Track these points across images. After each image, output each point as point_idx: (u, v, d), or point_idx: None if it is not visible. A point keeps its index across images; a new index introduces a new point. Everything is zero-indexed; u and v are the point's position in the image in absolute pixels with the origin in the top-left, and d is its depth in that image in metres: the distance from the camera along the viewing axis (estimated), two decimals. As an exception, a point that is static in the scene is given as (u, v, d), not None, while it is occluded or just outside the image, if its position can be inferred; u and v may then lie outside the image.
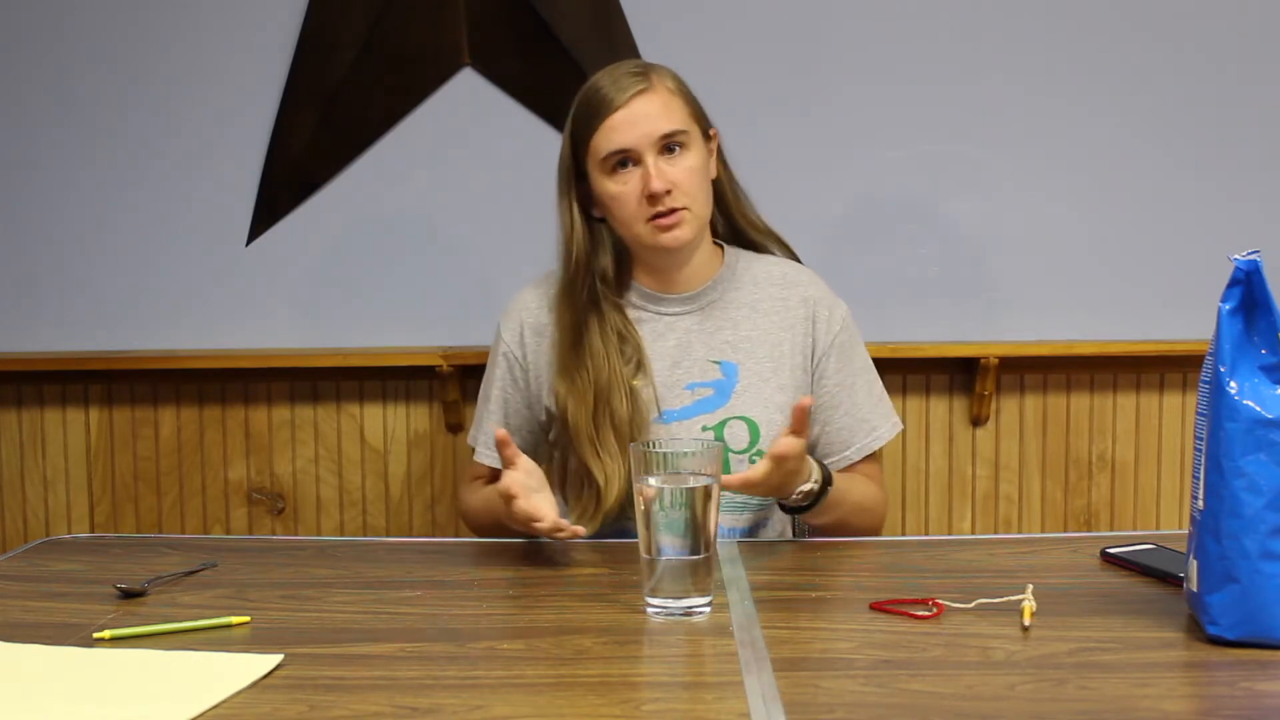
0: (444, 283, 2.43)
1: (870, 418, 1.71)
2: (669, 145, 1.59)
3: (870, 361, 1.75)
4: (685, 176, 1.60)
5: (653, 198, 1.57)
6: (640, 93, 1.59)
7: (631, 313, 1.68)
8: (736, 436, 1.64)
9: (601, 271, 1.65)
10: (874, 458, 1.73)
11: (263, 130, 2.41)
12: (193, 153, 2.43)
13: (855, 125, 2.40)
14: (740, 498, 1.63)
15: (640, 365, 1.64)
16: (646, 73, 1.62)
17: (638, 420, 1.61)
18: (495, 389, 1.73)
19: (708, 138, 1.67)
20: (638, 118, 1.58)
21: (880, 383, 1.75)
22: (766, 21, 2.39)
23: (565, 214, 1.65)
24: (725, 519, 1.63)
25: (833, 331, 1.69)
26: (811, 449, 1.68)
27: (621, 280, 1.69)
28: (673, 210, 1.59)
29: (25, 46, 2.42)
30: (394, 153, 2.41)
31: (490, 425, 1.72)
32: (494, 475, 1.71)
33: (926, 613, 1.21)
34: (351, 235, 2.44)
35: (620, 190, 1.59)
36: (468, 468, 1.81)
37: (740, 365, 1.66)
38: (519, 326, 1.72)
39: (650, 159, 1.58)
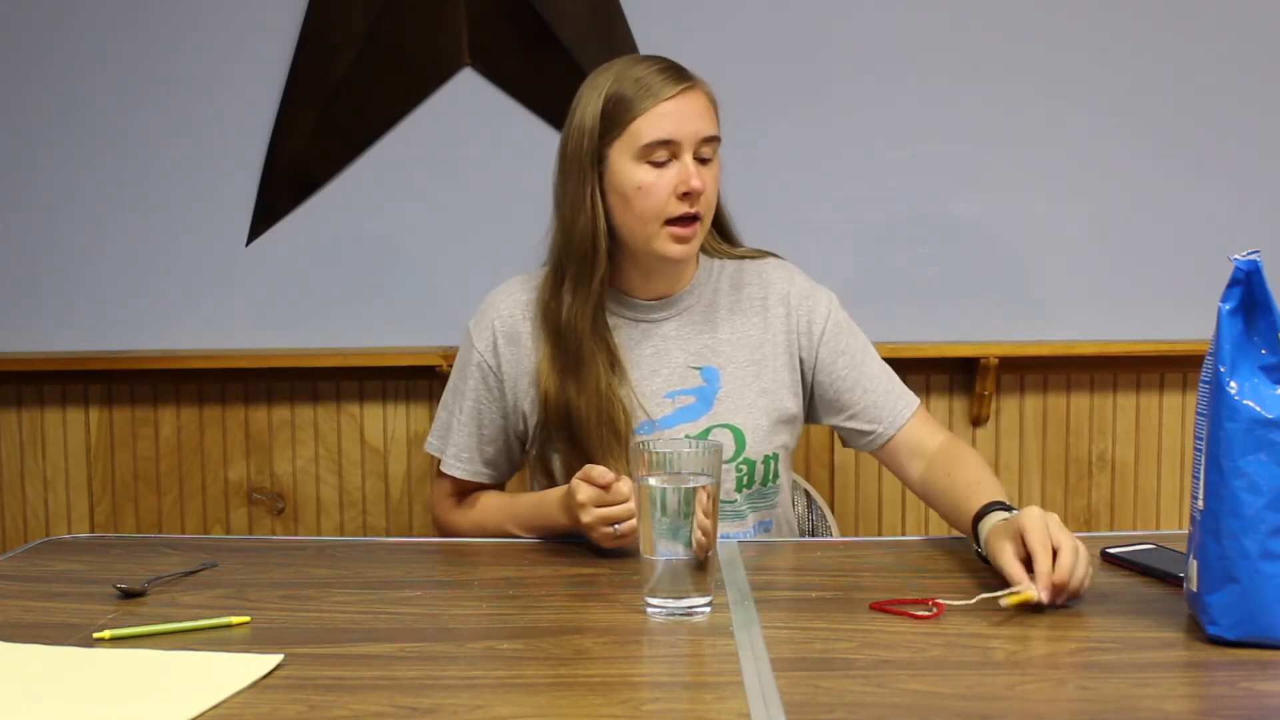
0: (444, 283, 2.43)
1: (893, 389, 1.66)
2: (704, 151, 1.55)
3: (869, 342, 1.69)
4: (713, 183, 1.57)
5: (688, 195, 1.52)
6: (691, 88, 1.55)
7: (609, 318, 1.63)
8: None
9: (602, 264, 1.57)
10: (920, 415, 1.66)
11: (263, 130, 2.41)
12: (193, 153, 2.43)
13: (855, 125, 2.40)
14: (735, 505, 1.63)
15: (616, 372, 1.59)
16: (687, 72, 1.58)
17: (627, 427, 1.58)
18: (469, 401, 1.66)
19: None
20: (689, 113, 1.53)
21: (880, 359, 1.69)
22: (766, 22, 2.39)
23: (584, 199, 1.55)
24: (728, 526, 1.63)
25: (819, 321, 1.66)
26: (852, 433, 1.67)
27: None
28: (695, 218, 1.54)
29: (25, 46, 2.42)
30: (394, 153, 2.41)
31: (461, 436, 1.67)
32: (463, 488, 1.71)
33: (926, 613, 1.21)
34: (351, 235, 2.44)
35: (651, 182, 1.52)
36: (437, 483, 1.73)
37: (722, 370, 1.63)
38: (491, 334, 1.65)
39: (689, 158, 1.53)
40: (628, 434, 1.58)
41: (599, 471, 1.41)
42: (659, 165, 1.53)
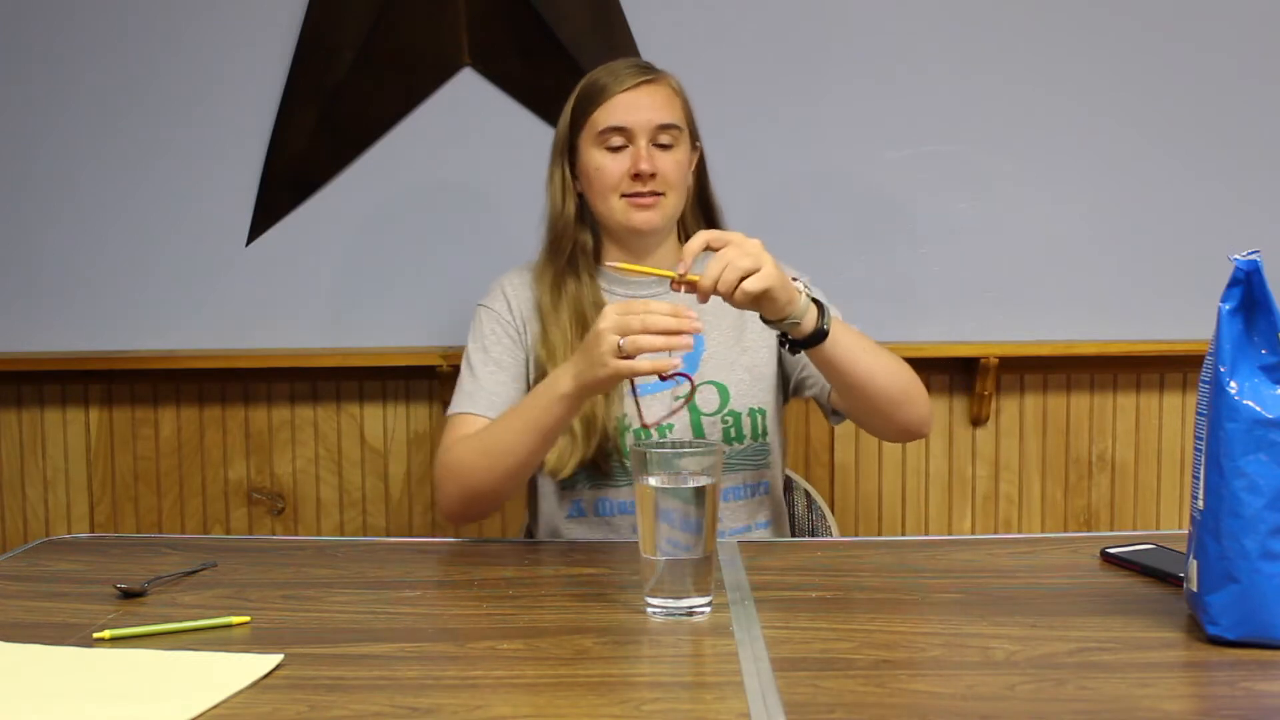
0: (444, 282, 2.43)
1: None
2: (662, 138, 1.67)
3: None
4: (672, 167, 1.68)
5: (638, 176, 1.65)
6: (648, 82, 1.69)
7: (605, 296, 1.73)
8: (707, 400, 1.68)
9: (582, 242, 1.71)
10: None
11: (263, 130, 2.41)
12: (193, 153, 2.43)
13: (855, 125, 2.40)
14: (724, 461, 1.63)
15: None
16: (653, 68, 1.72)
17: (614, 389, 1.63)
18: (494, 353, 1.69)
19: (693, 148, 1.74)
20: (642, 103, 1.66)
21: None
22: (766, 22, 2.39)
23: (556, 181, 1.72)
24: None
25: None
26: (812, 384, 1.71)
27: (594, 262, 1.75)
28: (652, 193, 1.66)
29: (26, 46, 2.42)
30: (394, 153, 2.41)
31: (492, 383, 1.65)
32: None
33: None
34: (351, 235, 2.44)
35: (607, 164, 1.66)
36: (452, 426, 1.65)
37: (705, 337, 1.71)
38: (502, 294, 1.75)
39: (643, 143, 1.65)
40: (606, 398, 1.64)
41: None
42: (615, 150, 1.67)
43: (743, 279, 1.40)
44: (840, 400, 1.64)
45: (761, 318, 1.48)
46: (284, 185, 2.43)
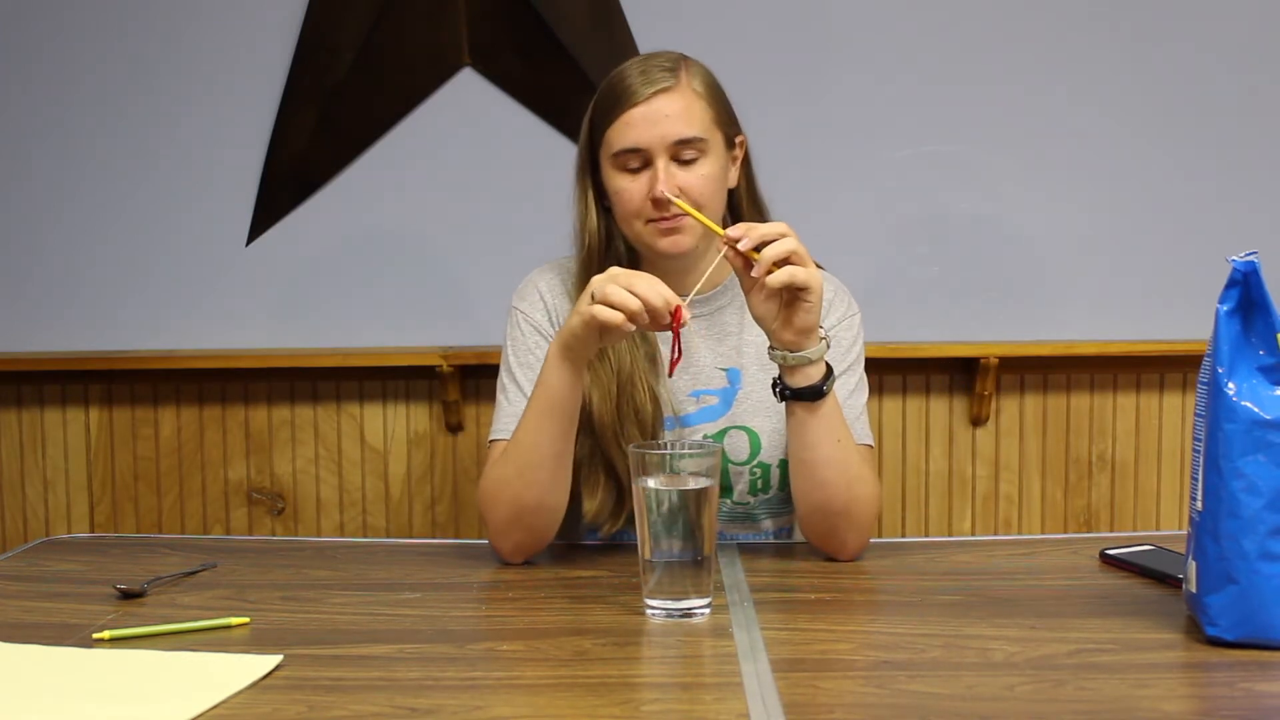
0: (444, 283, 2.43)
1: (846, 417, 1.51)
2: (684, 153, 1.52)
3: (863, 376, 1.62)
4: (697, 184, 1.52)
5: (656, 203, 1.50)
6: (663, 90, 1.51)
7: None
8: (737, 447, 1.57)
9: (618, 262, 1.56)
10: (864, 454, 1.57)
11: (263, 130, 2.41)
12: (193, 153, 2.43)
13: (856, 125, 2.40)
14: (749, 507, 1.62)
15: (656, 364, 1.57)
16: (676, 69, 1.54)
17: (656, 420, 1.54)
18: (538, 371, 1.51)
19: (732, 144, 1.61)
20: (656, 117, 1.50)
21: (865, 397, 1.60)
22: (766, 22, 2.39)
23: (580, 201, 1.60)
24: (741, 530, 1.62)
25: (829, 320, 1.59)
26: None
27: None
28: (676, 216, 1.51)
29: (25, 45, 2.42)
30: (394, 153, 2.41)
31: None
32: None
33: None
34: (351, 235, 2.44)
35: (626, 187, 1.52)
36: (491, 457, 1.55)
37: (743, 371, 1.60)
38: (539, 297, 1.61)
39: (662, 162, 1.50)
40: (656, 427, 1.54)
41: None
42: (634, 171, 1.52)
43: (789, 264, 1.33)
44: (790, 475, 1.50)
45: (770, 348, 1.41)
46: (284, 185, 2.43)
